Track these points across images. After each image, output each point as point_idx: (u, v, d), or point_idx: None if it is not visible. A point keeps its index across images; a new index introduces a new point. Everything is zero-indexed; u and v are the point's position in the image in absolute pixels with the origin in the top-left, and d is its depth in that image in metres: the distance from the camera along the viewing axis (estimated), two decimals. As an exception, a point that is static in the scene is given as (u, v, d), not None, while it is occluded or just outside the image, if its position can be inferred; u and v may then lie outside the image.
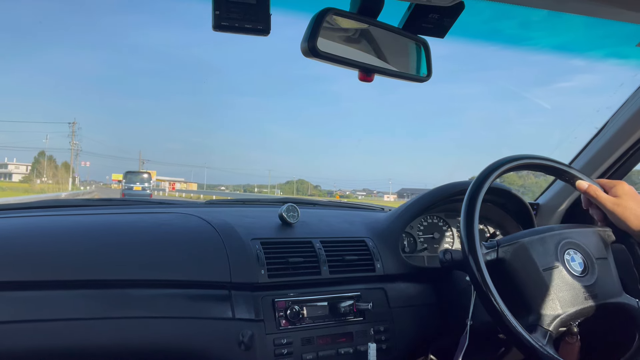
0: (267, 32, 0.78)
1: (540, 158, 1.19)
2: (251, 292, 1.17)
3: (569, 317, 1.07)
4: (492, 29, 5.72)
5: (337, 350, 1.21)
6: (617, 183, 1.15)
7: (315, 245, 1.30)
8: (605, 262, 1.15)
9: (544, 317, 1.06)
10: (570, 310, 1.07)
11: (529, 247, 1.11)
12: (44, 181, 67.76)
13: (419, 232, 1.58)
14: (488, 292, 1.03)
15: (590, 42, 1.33)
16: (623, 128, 1.55)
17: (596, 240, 1.17)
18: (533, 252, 1.10)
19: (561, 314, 1.06)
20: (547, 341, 1.03)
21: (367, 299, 1.28)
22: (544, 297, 1.07)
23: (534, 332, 1.04)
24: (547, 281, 1.08)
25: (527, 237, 1.13)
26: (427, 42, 0.99)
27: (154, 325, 1.06)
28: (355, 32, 0.93)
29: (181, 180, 65.68)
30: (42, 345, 0.98)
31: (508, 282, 1.10)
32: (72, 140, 56.35)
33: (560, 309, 1.06)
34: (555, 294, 1.07)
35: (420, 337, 1.38)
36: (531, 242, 1.12)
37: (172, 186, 53.22)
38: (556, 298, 1.07)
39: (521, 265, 1.10)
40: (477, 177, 1.15)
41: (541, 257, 1.10)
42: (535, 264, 1.09)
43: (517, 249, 1.11)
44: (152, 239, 1.18)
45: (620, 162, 1.62)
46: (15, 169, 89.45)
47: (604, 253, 1.16)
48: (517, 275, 1.10)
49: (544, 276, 1.08)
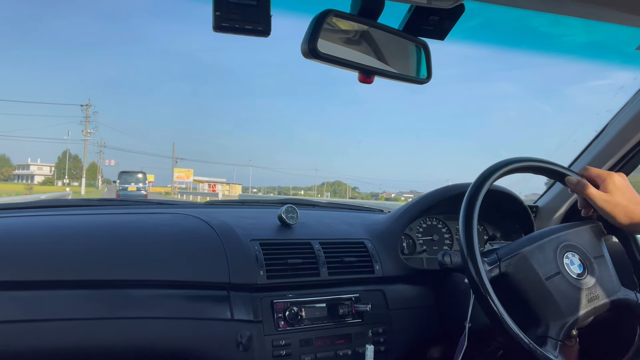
0: (267, 34, 0.78)
1: (539, 161, 1.19)
2: (250, 293, 1.17)
3: (574, 323, 1.08)
4: (523, 25, 5.75)
5: (335, 352, 1.21)
6: (608, 175, 1.13)
7: (314, 246, 1.29)
8: (602, 260, 1.15)
9: (552, 328, 1.06)
10: (575, 316, 1.07)
11: (529, 257, 1.11)
12: (66, 183, 63.48)
13: (418, 234, 1.58)
14: (487, 295, 1.03)
15: (625, 39, 1.33)
16: (623, 131, 1.56)
17: (590, 237, 1.17)
18: (534, 262, 1.10)
19: (568, 321, 1.06)
20: (558, 352, 1.03)
21: (366, 301, 1.28)
22: (549, 307, 1.07)
23: (545, 345, 1.04)
24: (550, 290, 1.08)
25: (526, 246, 1.13)
26: (427, 44, 0.99)
27: (153, 325, 1.06)
28: (356, 33, 0.93)
29: (222, 182, 51.85)
30: (41, 345, 0.98)
31: (513, 295, 1.10)
32: (85, 127, 46.56)
33: (566, 317, 1.07)
34: (560, 302, 1.07)
35: (418, 339, 1.38)
36: (531, 251, 1.11)
37: (212, 188, 43.95)
38: (561, 306, 1.07)
39: (524, 277, 1.10)
40: (476, 179, 1.15)
41: (542, 265, 1.10)
42: (537, 274, 1.09)
43: (518, 261, 1.11)
44: (151, 240, 1.18)
45: (620, 165, 1.62)
46: (38, 170, 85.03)
47: (599, 251, 1.16)
48: (521, 288, 1.10)
49: (547, 286, 1.08)
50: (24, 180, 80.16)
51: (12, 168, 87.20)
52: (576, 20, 0.86)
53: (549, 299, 1.07)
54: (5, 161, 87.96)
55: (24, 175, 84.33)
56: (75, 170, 74.40)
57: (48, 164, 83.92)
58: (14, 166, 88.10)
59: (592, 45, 1.48)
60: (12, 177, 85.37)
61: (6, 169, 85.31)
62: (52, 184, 66.59)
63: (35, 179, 78.05)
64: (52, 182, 69.94)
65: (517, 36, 1.68)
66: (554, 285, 1.08)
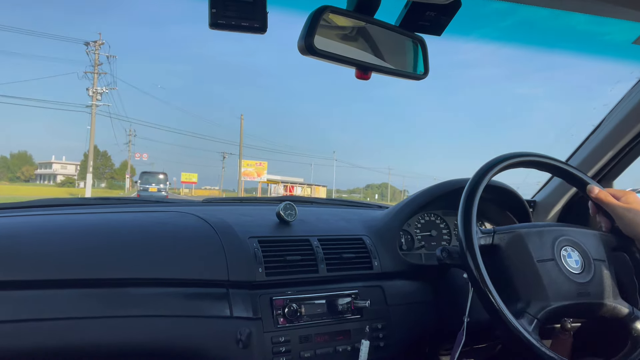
0: (263, 30, 0.78)
1: (539, 156, 1.19)
2: (249, 290, 1.17)
3: (558, 309, 1.07)
4: (563, 24, 5.66)
5: (334, 348, 1.22)
6: (626, 192, 1.16)
7: (312, 243, 1.30)
8: (603, 265, 1.14)
9: (532, 306, 1.06)
10: (560, 304, 1.06)
11: (526, 237, 1.11)
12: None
13: (417, 230, 1.59)
14: (485, 289, 1.03)
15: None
16: (619, 125, 1.56)
17: (596, 242, 1.16)
18: (529, 242, 1.10)
19: (551, 305, 1.06)
20: (533, 328, 1.03)
21: (365, 297, 1.28)
22: (535, 287, 1.07)
23: (521, 318, 1.04)
24: (540, 272, 1.08)
25: (524, 228, 1.13)
26: (424, 40, 0.99)
27: (152, 323, 1.06)
28: (352, 30, 0.93)
29: (300, 183, 38.85)
30: (40, 344, 0.98)
31: (501, 268, 1.10)
32: (94, 74, 28.57)
33: (550, 300, 1.06)
34: (546, 285, 1.07)
35: (417, 334, 1.38)
36: (528, 233, 1.12)
37: (288, 190, 33.15)
38: (547, 289, 1.06)
39: (516, 253, 1.10)
40: (475, 173, 1.15)
41: (537, 248, 1.10)
42: (530, 255, 1.09)
43: (513, 238, 1.11)
44: (149, 238, 1.18)
45: (617, 160, 1.63)
46: (62, 168, 74.83)
47: (602, 255, 1.15)
48: (511, 263, 1.10)
49: (538, 267, 1.08)
50: (46, 181, 72.16)
51: (34, 167, 77.47)
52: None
53: (536, 281, 1.07)
54: (27, 159, 77.96)
55: (46, 175, 75.43)
56: (104, 168, 63.66)
57: (73, 162, 73.95)
58: (36, 165, 78.25)
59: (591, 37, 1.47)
60: (33, 177, 76.13)
61: (27, 167, 75.44)
62: (72, 185, 56.81)
63: (58, 179, 69.54)
64: (73, 182, 60.51)
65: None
66: (545, 269, 1.08)
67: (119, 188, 48.59)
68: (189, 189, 47.64)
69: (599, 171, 1.66)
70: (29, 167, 76.79)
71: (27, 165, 76.57)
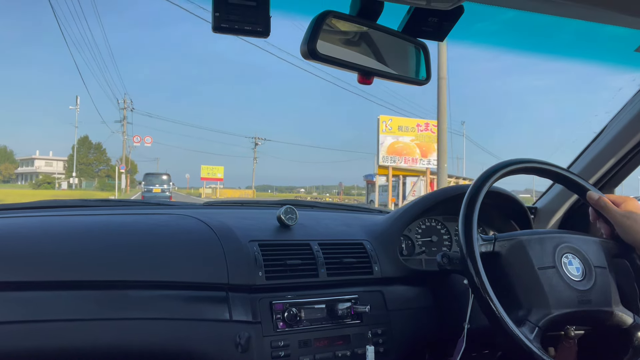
0: (266, 34, 0.78)
1: (540, 162, 1.19)
2: (249, 294, 1.17)
3: (559, 317, 1.06)
4: (590, 27, 5.61)
5: (334, 353, 1.21)
6: (626, 199, 1.16)
7: (313, 247, 1.29)
8: (604, 272, 1.13)
9: (534, 313, 1.05)
10: (561, 311, 1.06)
11: (527, 245, 1.11)
12: (74, 183, 43.41)
13: (417, 235, 1.58)
14: (486, 296, 1.03)
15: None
16: (621, 133, 1.56)
17: (597, 249, 1.16)
18: (530, 250, 1.10)
19: (552, 313, 1.05)
20: (534, 336, 1.02)
21: (365, 302, 1.28)
22: (536, 295, 1.07)
23: (522, 326, 1.03)
24: (541, 280, 1.07)
25: (526, 235, 1.13)
26: (427, 46, 0.99)
27: (151, 326, 1.06)
28: (355, 35, 0.93)
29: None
30: (38, 346, 0.97)
31: (502, 275, 1.10)
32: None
33: (551, 308, 1.06)
34: (548, 292, 1.06)
35: (417, 340, 1.38)
36: (529, 240, 1.11)
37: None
38: (548, 297, 1.06)
39: (516, 261, 1.10)
40: (477, 180, 1.15)
41: (538, 256, 1.10)
42: (531, 262, 1.09)
43: (514, 245, 1.11)
44: (149, 240, 1.18)
45: (619, 167, 1.62)
46: (46, 166, 62.53)
47: (603, 262, 1.15)
48: (512, 270, 1.10)
49: (539, 275, 1.08)
50: (28, 180, 60.53)
51: (15, 165, 67.18)
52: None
53: (537, 288, 1.07)
54: (7, 155, 67.22)
55: (27, 173, 64.30)
56: (98, 164, 51.10)
57: (61, 157, 62.18)
58: (17, 162, 67.74)
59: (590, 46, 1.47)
60: (14, 176, 65.98)
61: (6, 165, 64.89)
62: (51, 187, 46.19)
63: (40, 178, 55.76)
64: (52, 182, 49.20)
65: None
66: (546, 276, 1.08)
67: (112, 188, 36.53)
68: (211, 189, 35.30)
69: (601, 178, 1.65)
70: (9, 165, 66.38)
71: (6, 162, 65.85)
